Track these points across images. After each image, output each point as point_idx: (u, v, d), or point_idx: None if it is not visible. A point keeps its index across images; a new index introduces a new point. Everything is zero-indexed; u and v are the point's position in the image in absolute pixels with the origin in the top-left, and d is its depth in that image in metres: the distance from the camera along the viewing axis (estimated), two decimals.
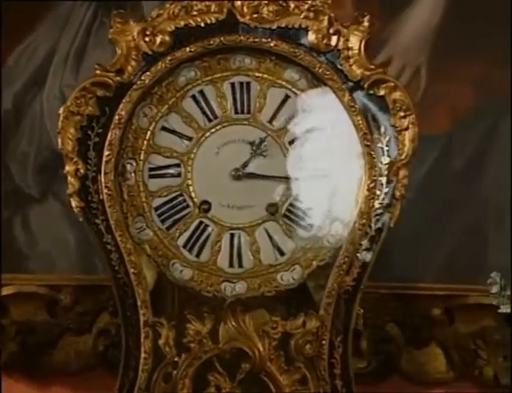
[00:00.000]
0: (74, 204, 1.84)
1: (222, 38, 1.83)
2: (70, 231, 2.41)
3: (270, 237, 1.87)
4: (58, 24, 2.49)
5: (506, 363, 2.25)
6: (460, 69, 2.39)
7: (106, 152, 1.83)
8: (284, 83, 1.87)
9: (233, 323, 1.81)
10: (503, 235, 2.35)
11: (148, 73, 1.83)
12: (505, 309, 1.82)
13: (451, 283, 2.36)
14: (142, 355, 1.81)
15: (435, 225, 2.38)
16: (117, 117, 1.83)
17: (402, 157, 1.81)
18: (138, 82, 1.83)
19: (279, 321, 1.82)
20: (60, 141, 1.83)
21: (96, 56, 2.38)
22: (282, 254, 1.87)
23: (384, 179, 1.82)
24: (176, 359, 1.83)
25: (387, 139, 1.83)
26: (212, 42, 1.83)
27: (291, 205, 1.88)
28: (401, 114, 1.80)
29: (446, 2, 2.41)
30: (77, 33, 2.47)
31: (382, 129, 1.82)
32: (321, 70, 1.82)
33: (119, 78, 1.83)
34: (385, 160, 1.82)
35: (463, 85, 2.40)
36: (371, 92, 1.81)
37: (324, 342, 1.81)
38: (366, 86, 1.81)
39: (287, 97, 1.88)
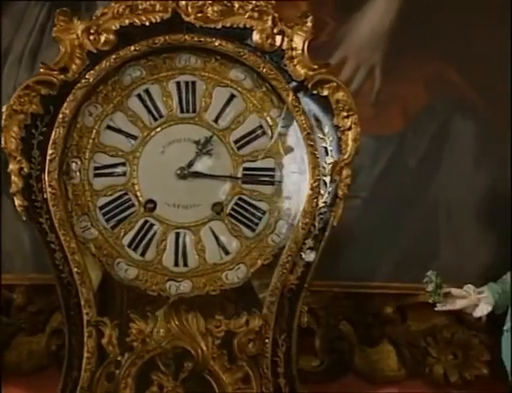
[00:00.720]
0: (17, 203, 1.84)
1: (166, 38, 1.84)
2: (25, 230, 2.41)
3: (215, 236, 1.88)
4: (12, 24, 2.48)
5: (455, 360, 2.29)
6: (412, 69, 2.41)
7: (50, 151, 1.83)
8: (229, 82, 1.89)
9: (176, 322, 1.81)
10: (454, 233, 2.39)
11: (92, 71, 1.84)
12: (440, 307, 1.84)
13: (405, 282, 2.40)
14: (85, 355, 1.82)
15: (389, 224, 2.39)
16: (61, 116, 1.83)
17: (345, 157, 1.82)
18: (82, 80, 1.83)
19: (222, 320, 1.83)
20: (3, 139, 1.83)
21: (50, 55, 2.37)
22: (227, 253, 1.88)
23: (327, 179, 1.83)
24: (119, 358, 1.83)
25: (330, 139, 1.84)
26: (156, 42, 1.84)
27: (236, 204, 1.89)
28: (344, 114, 1.82)
29: (399, 2, 2.45)
30: (31, 32, 2.46)
31: (325, 129, 1.84)
32: (265, 70, 1.83)
33: (63, 76, 1.83)
34: (329, 159, 1.84)
35: (415, 85, 2.42)
36: (315, 92, 1.83)
37: (267, 341, 1.82)
38: (309, 86, 1.83)
39: (232, 97, 1.89)
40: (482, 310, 1.81)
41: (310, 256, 1.84)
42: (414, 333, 2.34)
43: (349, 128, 1.82)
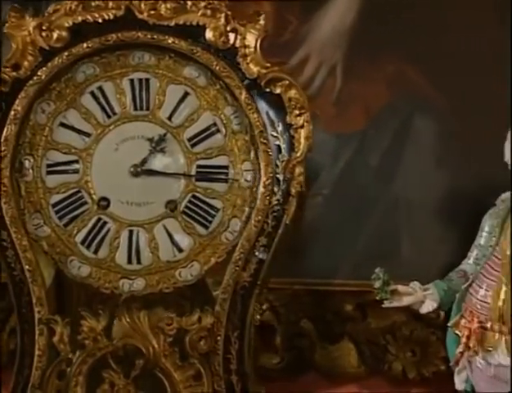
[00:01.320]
0: None
1: (119, 35, 1.83)
2: None
3: (168, 234, 1.88)
4: None
5: (414, 357, 2.31)
6: (373, 67, 2.41)
7: (2, 148, 1.82)
8: (183, 80, 1.88)
9: (128, 320, 1.81)
10: (415, 232, 2.40)
11: (45, 68, 1.82)
12: (387, 304, 1.86)
13: (365, 280, 2.41)
14: (36, 353, 1.81)
15: (350, 222, 2.40)
16: (13, 113, 1.82)
17: (298, 155, 1.83)
18: (35, 77, 1.82)
19: (174, 317, 1.83)
20: None
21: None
22: (181, 250, 1.88)
23: (280, 176, 1.84)
24: (70, 356, 1.83)
25: (283, 137, 1.85)
26: (109, 39, 1.83)
27: (190, 202, 1.88)
28: (297, 112, 1.82)
29: (360, 1, 2.45)
30: None
31: (279, 127, 1.84)
32: (218, 68, 1.83)
33: (15, 73, 1.82)
34: (282, 157, 1.84)
35: (377, 84, 2.43)
36: (268, 90, 1.83)
37: (219, 338, 1.82)
38: (262, 84, 1.83)
39: (186, 94, 1.89)
40: (428, 307, 1.82)
41: (263, 254, 1.85)
42: (374, 331, 2.35)
43: (302, 126, 1.83)
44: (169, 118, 1.88)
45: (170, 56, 1.87)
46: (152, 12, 1.84)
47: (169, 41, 1.82)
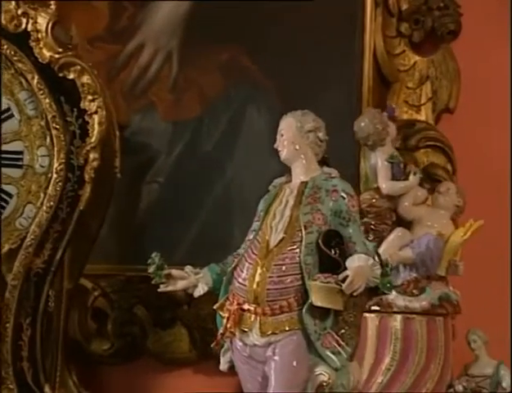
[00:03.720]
0: None
1: None
2: None
3: None
4: None
5: None
6: (208, 56, 2.43)
7: None
8: None
9: None
10: (247, 217, 2.44)
11: None
12: (163, 288, 1.83)
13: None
14: None
15: (184, 209, 2.41)
16: None
17: (92, 140, 1.83)
18: None
19: None
20: None
21: None
22: None
23: (75, 162, 1.84)
24: None
25: (79, 122, 1.85)
26: None
27: None
28: (90, 97, 1.83)
29: None
30: None
31: (73, 113, 1.84)
32: (9, 52, 1.82)
33: None
34: (77, 143, 1.85)
35: (211, 72, 2.44)
36: (61, 75, 1.83)
37: (8, 325, 1.81)
38: (55, 69, 1.83)
39: None
40: (200, 290, 1.83)
41: (60, 239, 1.80)
42: (204, 316, 2.37)
43: (95, 112, 1.83)
44: None
45: None
46: None
47: None
